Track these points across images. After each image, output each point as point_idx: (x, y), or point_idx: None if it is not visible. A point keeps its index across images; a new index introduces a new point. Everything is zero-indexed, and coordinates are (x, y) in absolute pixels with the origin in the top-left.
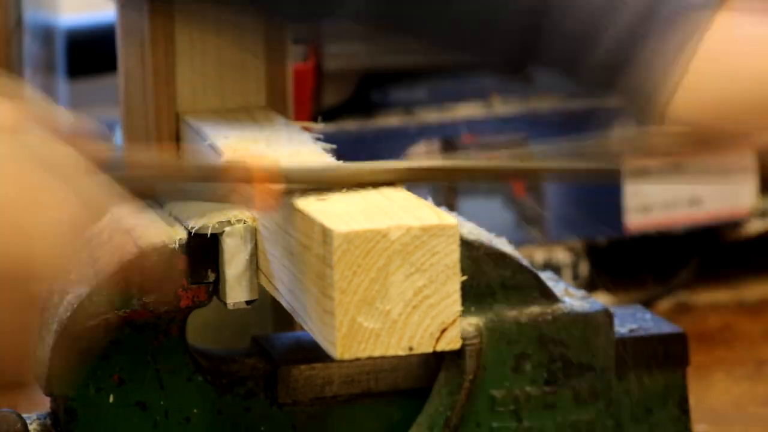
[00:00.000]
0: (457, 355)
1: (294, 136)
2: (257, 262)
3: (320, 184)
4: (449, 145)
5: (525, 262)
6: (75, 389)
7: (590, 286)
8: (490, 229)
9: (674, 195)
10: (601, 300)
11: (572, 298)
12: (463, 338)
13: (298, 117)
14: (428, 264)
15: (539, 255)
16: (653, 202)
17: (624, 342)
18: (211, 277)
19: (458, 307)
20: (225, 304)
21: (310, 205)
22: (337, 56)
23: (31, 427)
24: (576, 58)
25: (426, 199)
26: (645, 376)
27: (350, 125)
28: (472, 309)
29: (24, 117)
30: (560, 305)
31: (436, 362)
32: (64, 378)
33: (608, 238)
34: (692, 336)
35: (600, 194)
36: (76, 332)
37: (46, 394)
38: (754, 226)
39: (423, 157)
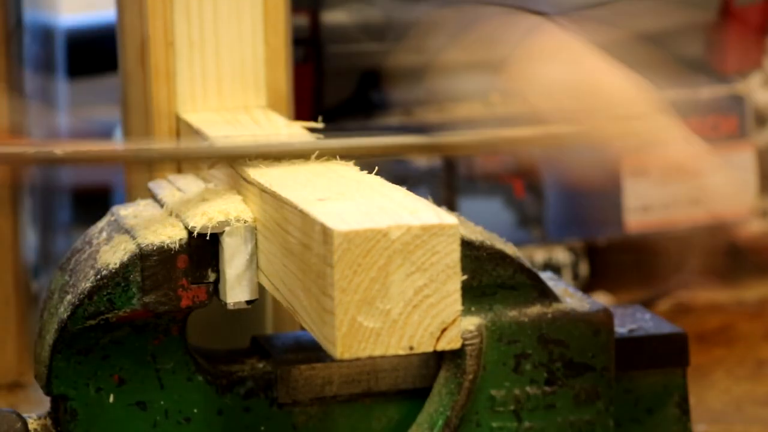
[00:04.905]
0: (457, 354)
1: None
2: (257, 261)
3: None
4: None
5: (525, 262)
6: (75, 389)
7: (590, 286)
8: (490, 229)
9: (674, 195)
10: (601, 300)
11: (572, 298)
12: (464, 338)
13: (298, 117)
14: (429, 263)
15: (539, 255)
16: (653, 202)
17: (624, 342)
18: (211, 277)
19: (459, 306)
20: (225, 304)
21: (310, 204)
22: (337, 56)
23: (31, 427)
24: None
25: (426, 198)
26: (645, 376)
27: (350, 125)
28: (473, 309)
29: None
30: (560, 305)
31: (436, 362)
32: (64, 378)
33: (608, 238)
34: (692, 336)
35: (600, 194)
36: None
37: (46, 394)
38: (754, 226)
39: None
